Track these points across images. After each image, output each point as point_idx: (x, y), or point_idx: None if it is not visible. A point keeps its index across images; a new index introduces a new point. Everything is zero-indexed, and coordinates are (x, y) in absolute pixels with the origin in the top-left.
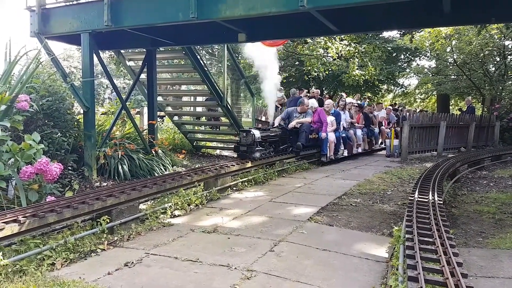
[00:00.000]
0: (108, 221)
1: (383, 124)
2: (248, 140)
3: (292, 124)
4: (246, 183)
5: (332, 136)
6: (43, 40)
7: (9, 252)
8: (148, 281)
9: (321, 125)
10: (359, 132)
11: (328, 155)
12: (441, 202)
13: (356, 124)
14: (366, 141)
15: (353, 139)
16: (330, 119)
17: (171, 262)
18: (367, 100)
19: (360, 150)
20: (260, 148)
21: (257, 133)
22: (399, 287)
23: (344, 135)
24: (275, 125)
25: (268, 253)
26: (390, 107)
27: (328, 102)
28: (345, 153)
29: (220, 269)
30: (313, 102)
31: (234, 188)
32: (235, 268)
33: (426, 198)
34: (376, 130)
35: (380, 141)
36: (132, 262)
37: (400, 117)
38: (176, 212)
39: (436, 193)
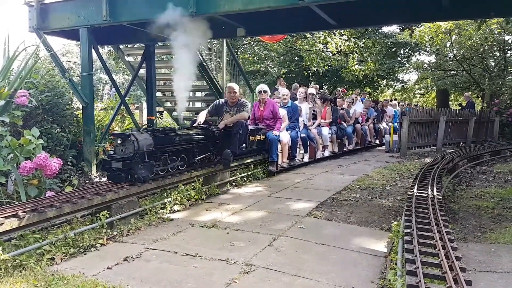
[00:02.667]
0: (108, 216)
1: (361, 121)
2: (127, 150)
3: (222, 124)
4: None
5: (285, 137)
6: (41, 35)
7: (9, 247)
8: (147, 275)
9: (275, 123)
10: (325, 130)
11: (279, 163)
12: (440, 197)
13: (322, 121)
14: (336, 142)
15: (316, 140)
16: (281, 113)
17: (170, 257)
18: (367, 95)
19: (326, 153)
20: (151, 162)
21: (143, 138)
22: (397, 281)
23: (304, 135)
24: (198, 123)
25: (267, 248)
26: (370, 101)
27: (283, 91)
28: (306, 158)
29: (219, 264)
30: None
31: (233, 184)
32: (234, 262)
33: (425, 193)
34: (350, 128)
35: (354, 141)
36: (132, 257)
37: (399, 112)
38: (176, 207)
39: (435, 188)
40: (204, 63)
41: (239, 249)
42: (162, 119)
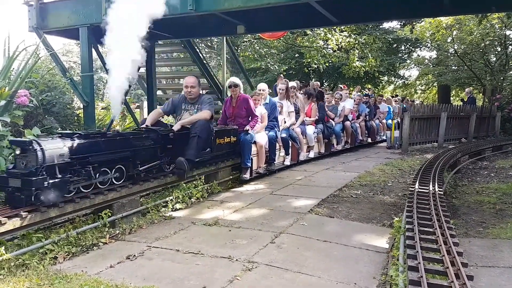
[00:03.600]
0: (110, 215)
1: (352, 118)
2: (29, 163)
3: (177, 125)
4: None
5: (261, 138)
6: (41, 34)
7: (12, 246)
8: (150, 273)
9: (250, 122)
10: (310, 129)
11: (254, 168)
12: (442, 193)
13: (307, 119)
14: (322, 142)
15: (300, 140)
16: (259, 111)
17: (172, 255)
18: (370, 91)
19: (312, 154)
20: (65, 178)
21: (51, 147)
22: (399, 277)
23: (285, 135)
24: (145, 125)
25: (269, 245)
26: (360, 94)
27: (261, 86)
28: (287, 161)
29: (222, 261)
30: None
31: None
32: (237, 260)
33: (427, 189)
34: (338, 127)
35: (343, 140)
36: (134, 255)
37: (401, 108)
38: (177, 206)
39: (436, 184)
40: (204, 61)
41: (241, 246)
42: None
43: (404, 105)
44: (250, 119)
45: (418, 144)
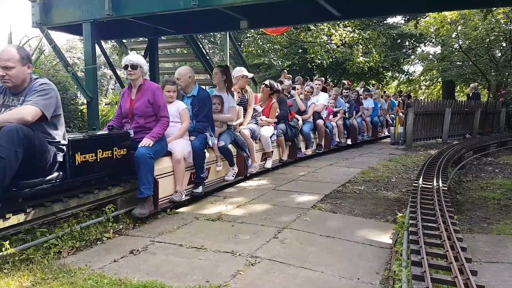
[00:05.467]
0: (113, 210)
1: (326, 116)
2: None
3: None
4: None
5: (180, 149)
6: (44, 30)
7: (16, 241)
8: (153, 268)
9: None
10: (266, 131)
11: (161, 197)
12: (446, 189)
13: (263, 118)
14: (284, 145)
15: (249, 147)
16: (175, 108)
17: (176, 250)
18: (374, 87)
19: (269, 164)
20: None
21: None
22: (403, 272)
23: (223, 142)
24: None
25: (272, 240)
26: (338, 89)
27: (180, 71)
28: (230, 176)
29: (225, 256)
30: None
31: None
32: (240, 254)
33: (431, 185)
34: (308, 126)
35: (314, 143)
36: (138, 250)
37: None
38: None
39: (440, 180)
40: (207, 57)
41: (244, 241)
42: None
43: (394, 100)
44: (156, 119)
45: (422, 140)
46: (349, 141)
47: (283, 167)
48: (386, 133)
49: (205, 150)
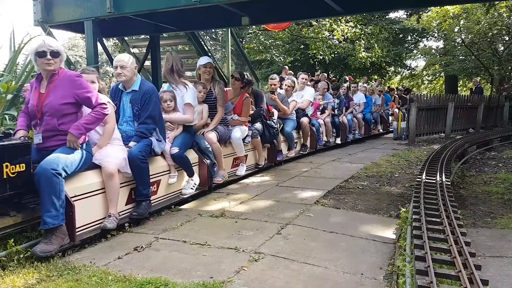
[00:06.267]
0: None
1: (313, 113)
2: None
3: None
4: None
5: (112, 160)
6: (46, 28)
7: (21, 238)
8: (157, 264)
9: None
10: (238, 132)
11: (66, 232)
12: (449, 183)
13: (234, 118)
14: (261, 148)
15: (215, 153)
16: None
17: (180, 246)
18: (378, 83)
19: (241, 171)
20: None
21: None
22: (406, 267)
23: (177, 149)
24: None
25: (275, 236)
26: (325, 83)
27: (125, 57)
28: (189, 189)
29: (228, 252)
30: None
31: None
32: (243, 250)
33: (434, 180)
34: (290, 125)
35: (298, 144)
36: (142, 247)
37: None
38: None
39: (443, 175)
40: (209, 54)
41: (247, 237)
42: None
43: (389, 95)
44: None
45: (425, 134)
46: (338, 140)
47: (286, 163)
48: (381, 130)
49: (158, 158)
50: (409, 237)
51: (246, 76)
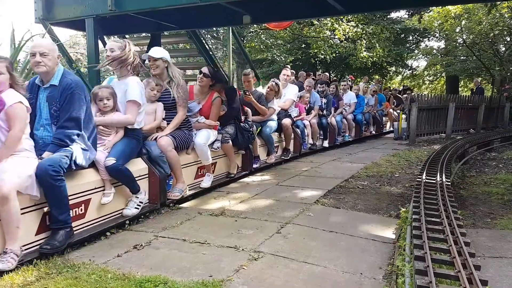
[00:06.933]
0: None
1: (298, 114)
2: None
3: None
4: None
5: (6, 178)
6: (47, 26)
7: None
8: (157, 262)
9: None
10: (202, 137)
11: None
12: (449, 184)
13: (200, 121)
14: (233, 154)
15: (170, 161)
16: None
17: (179, 244)
18: (378, 83)
19: (206, 183)
20: None
21: None
22: (406, 267)
23: (113, 160)
24: None
25: (275, 235)
26: (311, 81)
27: (45, 42)
28: (133, 209)
29: (228, 251)
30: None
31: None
32: (243, 249)
33: (434, 180)
34: (269, 127)
35: (279, 149)
36: (141, 245)
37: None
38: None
39: (444, 175)
40: (210, 52)
41: (247, 236)
42: None
43: (383, 95)
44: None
45: (426, 135)
46: (325, 143)
47: (286, 163)
48: (373, 132)
49: (88, 170)
50: (409, 237)
51: (217, 72)
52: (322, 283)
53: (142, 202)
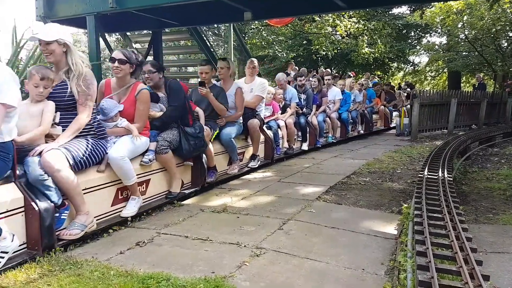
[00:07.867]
0: None
1: (271, 113)
2: None
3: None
4: None
5: None
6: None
7: None
8: (159, 259)
9: None
10: (119, 148)
11: None
12: (451, 179)
13: (120, 125)
14: (175, 170)
15: (65, 187)
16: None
17: (182, 241)
18: (377, 78)
19: (130, 211)
20: None
21: None
22: (408, 262)
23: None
24: None
25: (277, 231)
26: (283, 74)
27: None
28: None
29: (230, 247)
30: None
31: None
32: (245, 246)
33: (436, 176)
34: (229, 131)
35: (243, 155)
36: (144, 242)
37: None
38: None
39: (446, 171)
40: (212, 49)
41: (249, 233)
42: None
43: (373, 91)
44: None
45: (428, 131)
46: (305, 146)
47: (288, 159)
48: (361, 132)
49: None
50: (411, 232)
51: (138, 55)
52: (324, 279)
53: (6, 252)
